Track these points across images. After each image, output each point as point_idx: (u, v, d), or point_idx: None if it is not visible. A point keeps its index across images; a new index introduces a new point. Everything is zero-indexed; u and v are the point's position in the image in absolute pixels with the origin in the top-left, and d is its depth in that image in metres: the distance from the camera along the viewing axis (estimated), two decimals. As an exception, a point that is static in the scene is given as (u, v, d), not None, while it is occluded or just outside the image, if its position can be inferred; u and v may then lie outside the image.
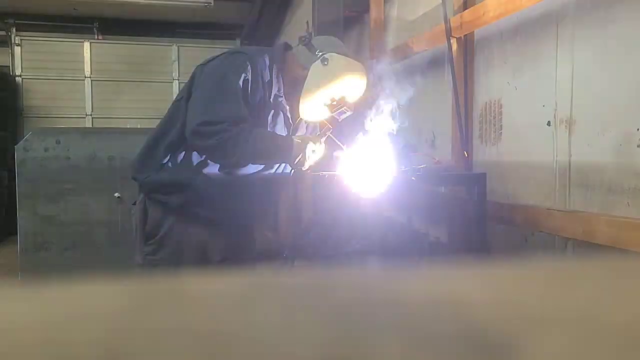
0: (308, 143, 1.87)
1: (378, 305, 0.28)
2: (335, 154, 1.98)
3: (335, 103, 1.92)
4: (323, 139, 1.93)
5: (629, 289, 0.32)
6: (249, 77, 1.82)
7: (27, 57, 7.09)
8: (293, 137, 1.92)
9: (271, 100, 1.91)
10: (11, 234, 5.36)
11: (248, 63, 1.83)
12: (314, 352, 0.24)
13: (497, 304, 0.29)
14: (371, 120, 1.97)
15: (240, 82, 1.80)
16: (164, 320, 0.27)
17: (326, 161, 1.96)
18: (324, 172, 1.97)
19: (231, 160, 1.82)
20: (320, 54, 1.91)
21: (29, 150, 3.80)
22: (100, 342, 0.24)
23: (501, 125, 2.36)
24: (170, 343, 0.24)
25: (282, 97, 1.93)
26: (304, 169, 1.91)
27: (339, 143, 1.96)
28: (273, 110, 1.93)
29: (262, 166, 1.93)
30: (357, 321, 0.27)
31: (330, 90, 1.91)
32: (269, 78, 1.89)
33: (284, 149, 1.85)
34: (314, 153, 1.88)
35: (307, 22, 4.78)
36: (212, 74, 1.85)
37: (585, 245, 1.79)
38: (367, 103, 2.01)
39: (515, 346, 0.24)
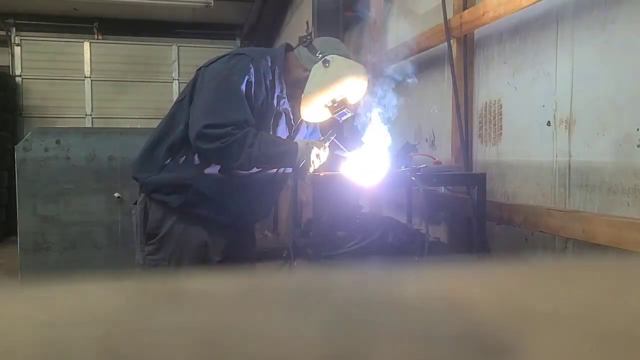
0: (312, 148, 1.87)
1: (378, 306, 0.28)
2: (336, 152, 1.98)
3: (336, 105, 1.93)
4: (327, 144, 1.93)
5: (629, 289, 0.32)
6: (252, 79, 1.83)
7: (27, 57, 7.09)
8: (298, 141, 1.93)
9: (274, 101, 1.91)
10: (11, 234, 5.37)
11: (251, 65, 1.84)
12: (314, 352, 0.24)
13: (497, 304, 0.29)
14: (371, 122, 1.97)
15: (244, 85, 1.81)
16: (164, 320, 0.27)
17: (329, 163, 1.97)
18: (324, 172, 1.97)
19: (235, 163, 1.82)
20: (321, 55, 1.91)
21: (29, 150, 3.80)
22: (100, 342, 0.24)
23: (501, 125, 2.36)
24: (170, 343, 0.24)
25: (284, 98, 1.94)
26: (308, 173, 1.91)
27: (342, 148, 1.97)
28: (275, 112, 1.93)
29: (263, 167, 1.93)
30: (356, 321, 0.27)
31: (331, 91, 1.91)
32: (271, 79, 1.89)
33: (289, 154, 1.85)
34: (318, 157, 1.88)
35: (307, 22, 4.78)
36: (215, 76, 1.85)
37: (585, 245, 1.79)
38: (367, 104, 2.01)
39: (515, 346, 0.24)
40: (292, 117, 2.00)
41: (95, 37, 7.32)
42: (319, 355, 0.24)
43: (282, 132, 1.98)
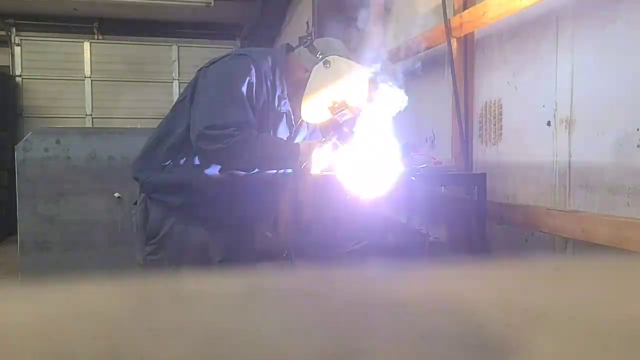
0: (314, 149, 1.87)
1: (378, 305, 0.28)
2: (337, 153, 1.98)
3: (337, 105, 1.93)
4: (328, 145, 1.93)
5: (629, 289, 0.32)
6: (254, 80, 1.83)
7: (27, 57, 7.09)
8: (299, 143, 1.93)
9: (275, 102, 1.91)
10: (11, 234, 5.37)
11: (252, 66, 1.83)
12: (313, 351, 0.24)
13: (497, 304, 0.29)
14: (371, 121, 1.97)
15: (245, 86, 1.81)
16: (164, 320, 0.27)
17: (330, 164, 1.96)
18: (324, 173, 1.97)
19: (237, 164, 1.83)
20: (322, 56, 1.92)
21: (29, 150, 3.80)
22: (100, 341, 0.24)
23: (501, 125, 2.36)
24: (170, 342, 0.24)
25: (285, 98, 1.94)
26: (309, 174, 1.91)
27: (343, 148, 1.96)
28: (276, 112, 1.93)
29: (263, 167, 1.93)
30: (356, 320, 0.27)
31: (332, 92, 1.91)
32: (272, 80, 1.89)
33: (291, 155, 1.85)
34: (319, 159, 1.88)
35: (307, 22, 4.79)
36: (216, 77, 1.85)
37: (585, 245, 1.79)
38: (367, 104, 2.01)
39: (514, 345, 0.24)
40: (292, 117, 2.00)
41: (95, 37, 7.32)
42: (319, 354, 0.24)
43: (282, 132, 1.98)
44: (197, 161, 1.88)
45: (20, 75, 7.06)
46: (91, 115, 7.22)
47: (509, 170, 2.30)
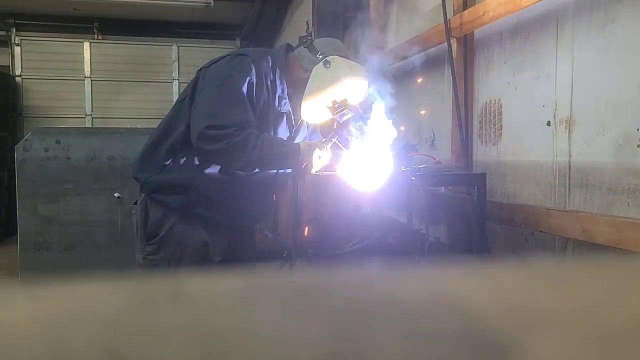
0: (315, 149, 1.87)
1: (378, 305, 0.28)
2: (338, 152, 1.98)
3: (337, 105, 1.93)
4: (329, 145, 1.93)
5: (629, 289, 0.32)
6: (254, 79, 1.82)
7: (27, 57, 7.08)
8: (300, 143, 1.92)
9: (275, 102, 1.91)
10: (11, 234, 5.37)
11: (252, 66, 1.83)
12: (313, 352, 0.24)
13: (497, 304, 0.29)
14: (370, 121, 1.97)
15: (245, 85, 1.81)
16: (163, 320, 0.27)
17: (331, 164, 1.96)
18: (324, 172, 1.97)
19: (238, 164, 1.82)
20: (322, 56, 1.92)
21: (29, 150, 3.80)
22: (100, 341, 0.24)
23: (501, 125, 2.36)
24: (170, 343, 0.24)
25: (285, 98, 1.94)
26: (310, 175, 1.91)
27: (344, 149, 1.96)
28: (276, 112, 1.93)
29: (263, 167, 1.92)
30: (356, 321, 0.27)
31: (332, 92, 1.91)
32: (272, 80, 1.89)
33: (291, 155, 1.85)
34: (320, 159, 1.88)
35: (307, 22, 4.79)
36: (217, 77, 1.85)
37: (585, 245, 1.79)
38: (366, 104, 2.01)
39: (514, 345, 0.24)
40: (292, 117, 2.00)
41: (95, 37, 7.32)
42: (319, 354, 0.24)
43: (282, 132, 1.98)
44: (197, 161, 1.88)
45: (20, 75, 7.05)
46: (91, 115, 7.22)
47: (509, 170, 2.30)
